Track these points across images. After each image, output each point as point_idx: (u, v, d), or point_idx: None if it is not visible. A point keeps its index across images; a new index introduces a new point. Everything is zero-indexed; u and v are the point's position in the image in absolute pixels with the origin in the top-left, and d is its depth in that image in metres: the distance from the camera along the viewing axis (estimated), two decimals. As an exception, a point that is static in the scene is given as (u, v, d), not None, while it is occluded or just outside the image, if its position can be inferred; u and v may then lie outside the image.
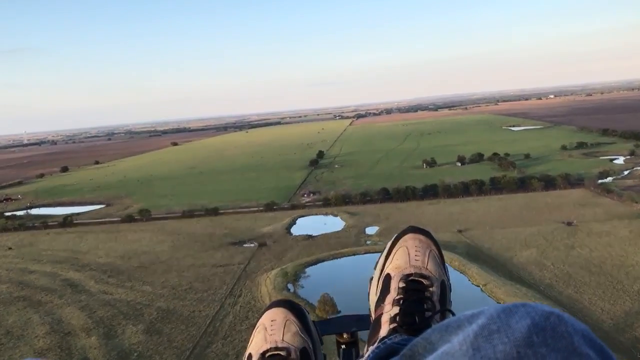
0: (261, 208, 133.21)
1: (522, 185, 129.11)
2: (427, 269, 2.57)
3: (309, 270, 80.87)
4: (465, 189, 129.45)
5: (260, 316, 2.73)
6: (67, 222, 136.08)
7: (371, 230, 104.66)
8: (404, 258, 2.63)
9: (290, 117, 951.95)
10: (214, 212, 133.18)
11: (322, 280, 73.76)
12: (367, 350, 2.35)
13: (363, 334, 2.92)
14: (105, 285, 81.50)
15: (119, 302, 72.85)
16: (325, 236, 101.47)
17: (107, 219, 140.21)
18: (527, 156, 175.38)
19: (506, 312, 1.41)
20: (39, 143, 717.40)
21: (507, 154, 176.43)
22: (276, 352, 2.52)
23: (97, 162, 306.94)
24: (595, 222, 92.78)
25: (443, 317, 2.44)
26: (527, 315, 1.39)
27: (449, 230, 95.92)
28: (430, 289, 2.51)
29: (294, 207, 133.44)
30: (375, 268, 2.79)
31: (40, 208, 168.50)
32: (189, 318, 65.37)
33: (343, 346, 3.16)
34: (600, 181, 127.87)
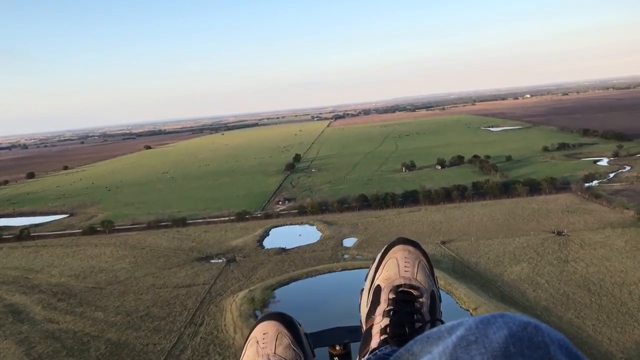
0: (232, 217, 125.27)
1: (506, 190, 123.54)
2: (416, 279, 2.62)
3: (280, 292, 73.25)
4: (447, 195, 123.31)
5: (252, 329, 2.70)
6: (23, 235, 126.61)
7: (349, 242, 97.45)
8: (394, 269, 2.67)
9: (267, 119, 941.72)
10: (181, 222, 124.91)
11: (293, 305, 65.96)
12: None
13: (355, 346, 2.93)
14: (53, 311, 72.88)
15: (64, 334, 64.39)
16: (299, 250, 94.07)
17: (67, 231, 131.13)
18: (508, 158, 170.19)
19: (484, 323, 1.47)
20: (10, 147, 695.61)
21: (487, 156, 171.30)
22: None
23: (66, 168, 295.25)
24: (587, 231, 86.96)
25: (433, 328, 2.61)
26: (505, 325, 1.44)
27: (432, 241, 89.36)
28: (420, 299, 2.55)
29: (267, 217, 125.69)
30: (365, 279, 2.83)
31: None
32: (141, 353, 57.36)
33: (335, 358, 3.16)
34: (586, 185, 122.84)
